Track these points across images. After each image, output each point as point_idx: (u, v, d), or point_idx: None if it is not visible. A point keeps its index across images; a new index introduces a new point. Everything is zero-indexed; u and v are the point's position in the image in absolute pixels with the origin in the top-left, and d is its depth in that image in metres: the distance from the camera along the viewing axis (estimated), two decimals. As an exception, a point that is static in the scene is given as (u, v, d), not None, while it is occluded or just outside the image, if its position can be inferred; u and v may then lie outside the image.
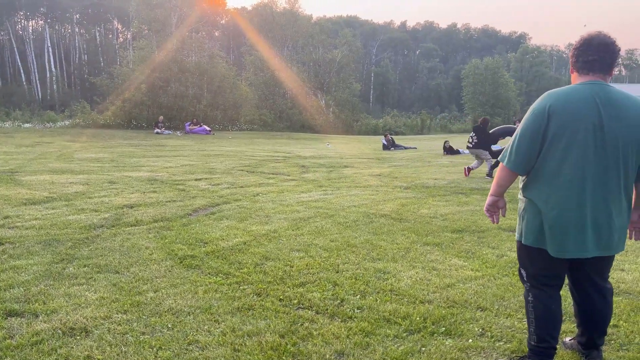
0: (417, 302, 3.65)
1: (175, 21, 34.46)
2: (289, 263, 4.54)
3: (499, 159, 2.60)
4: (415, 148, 20.40)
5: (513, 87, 51.78)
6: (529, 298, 2.64)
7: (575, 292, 2.76)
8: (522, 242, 2.58)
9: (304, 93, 40.52)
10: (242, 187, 9.18)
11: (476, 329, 3.21)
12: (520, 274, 2.73)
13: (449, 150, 17.17)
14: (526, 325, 3.20)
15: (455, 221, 6.35)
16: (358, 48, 53.06)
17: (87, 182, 9.10)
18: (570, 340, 2.94)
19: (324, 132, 37.91)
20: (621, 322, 3.30)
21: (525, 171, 2.50)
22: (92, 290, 3.77)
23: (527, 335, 3.07)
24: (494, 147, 15.34)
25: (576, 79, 2.55)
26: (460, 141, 24.34)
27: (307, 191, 8.82)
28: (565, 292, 2.94)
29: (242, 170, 11.86)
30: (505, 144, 2.78)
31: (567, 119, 2.38)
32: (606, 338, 2.93)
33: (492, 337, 3.11)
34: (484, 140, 11.33)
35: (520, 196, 2.65)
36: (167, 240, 5.21)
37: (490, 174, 11.05)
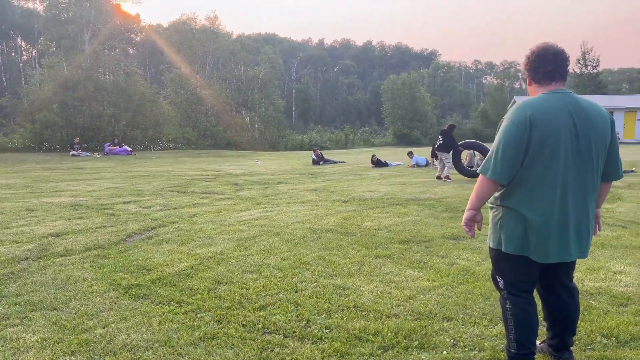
0: (384, 316, 3.60)
1: (88, 38, 32.86)
2: (244, 286, 4.34)
3: (478, 171, 2.58)
4: (344, 162, 20.66)
5: (429, 101, 54.19)
6: (507, 306, 2.65)
7: (545, 295, 2.82)
8: (502, 250, 2.59)
9: (228, 110, 39.98)
10: (176, 208, 8.79)
11: (448, 340, 3.20)
12: (496, 282, 2.75)
13: (377, 163, 17.53)
14: (494, 333, 3.25)
15: (400, 232, 6.41)
16: (280, 65, 53.34)
17: (0, 211, 8.31)
18: (540, 344, 2.99)
19: (250, 149, 37.54)
20: (579, 322, 3.42)
21: (508, 181, 2.52)
22: (30, 331, 3.37)
23: (496, 343, 3.12)
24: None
25: (538, 90, 2.61)
26: (384, 154, 24.96)
27: (246, 209, 8.60)
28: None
29: (172, 190, 11.39)
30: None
31: (548, 127, 2.44)
32: (571, 338, 3.02)
33: (465, 346, 3.11)
34: (448, 144, 12.56)
35: (494, 205, 2.67)
36: (105, 270, 4.83)
37: (447, 177, 12.48)
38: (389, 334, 3.27)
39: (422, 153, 17.90)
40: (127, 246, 5.87)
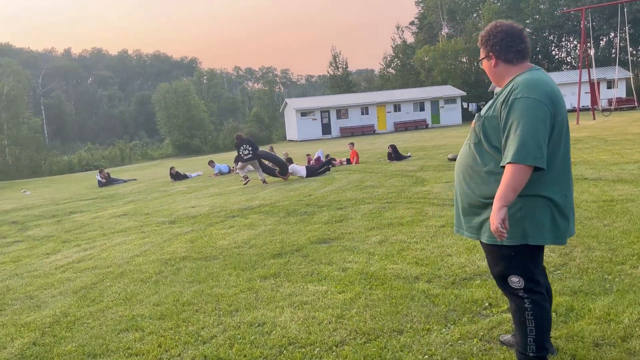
0: (334, 347, 3.10)
1: None
2: (132, 351, 3.32)
3: (511, 160, 2.16)
4: (135, 179, 18.80)
5: (204, 109, 53.38)
6: (527, 306, 2.40)
7: None
8: (530, 243, 2.33)
9: (-34, 135, 32.82)
10: (-53, 266, 6.63)
11: (421, 357, 2.88)
12: (511, 284, 2.43)
13: (177, 177, 16.38)
14: (456, 336, 3.06)
15: (264, 246, 5.88)
16: (27, 78, 46.00)
17: None
18: (512, 336, 2.88)
19: (5, 178, 31.53)
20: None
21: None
22: None
23: (467, 347, 2.92)
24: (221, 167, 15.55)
25: (510, 69, 2.44)
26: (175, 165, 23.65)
27: (55, 251, 6.96)
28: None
29: None
30: None
31: (561, 104, 2.29)
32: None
33: (444, 359, 2.83)
34: (256, 150, 12.28)
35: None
36: None
37: (264, 180, 12.35)
38: (361, 367, 2.80)
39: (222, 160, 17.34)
40: None
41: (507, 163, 2.19)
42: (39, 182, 25.92)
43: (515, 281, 2.41)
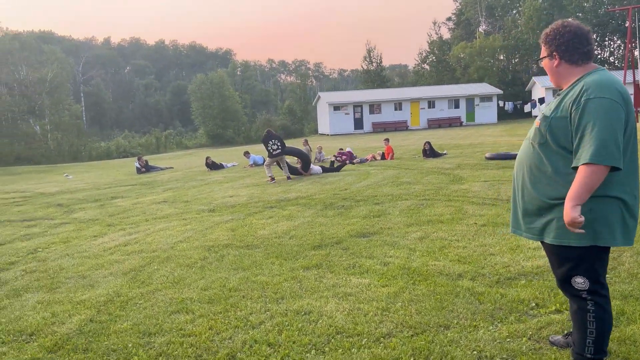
0: (382, 338, 3.16)
1: None
2: (184, 332, 3.46)
3: (589, 160, 2.15)
4: (172, 167, 19.21)
5: (238, 100, 53.97)
6: (590, 307, 2.40)
7: None
8: (600, 245, 2.31)
9: (12, 119, 34.00)
10: (1, 244, 6.98)
11: (470, 353, 2.91)
12: (575, 285, 2.43)
13: (212, 166, 16.66)
14: (504, 334, 3.07)
15: (304, 237, 5.97)
16: (70, 65, 47.30)
17: None
18: (563, 337, 2.89)
19: (47, 162, 32.63)
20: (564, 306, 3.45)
21: None
22: None
23: (516, 345, 2.94)
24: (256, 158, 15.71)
25: (574, 69, 2.43)
26: (208, 155, 24.01)
27: (101, 234, 7.21)
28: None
29: (-22, 222, 9.08)
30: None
31: (631, 105, 2.30)
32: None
33: (493, 357, 2.86)
34: (285, 145, 12.18)
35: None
36: (-38, 348, 3.42)
37: (288, 177, 12.15)
38: (411, 358, 2.85)
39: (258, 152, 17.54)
40: (-33, 306, 4.33)
41: (584, 164, 2.17)
42: (79, 167, 26.75)
43: (580, 282, 2.40)
